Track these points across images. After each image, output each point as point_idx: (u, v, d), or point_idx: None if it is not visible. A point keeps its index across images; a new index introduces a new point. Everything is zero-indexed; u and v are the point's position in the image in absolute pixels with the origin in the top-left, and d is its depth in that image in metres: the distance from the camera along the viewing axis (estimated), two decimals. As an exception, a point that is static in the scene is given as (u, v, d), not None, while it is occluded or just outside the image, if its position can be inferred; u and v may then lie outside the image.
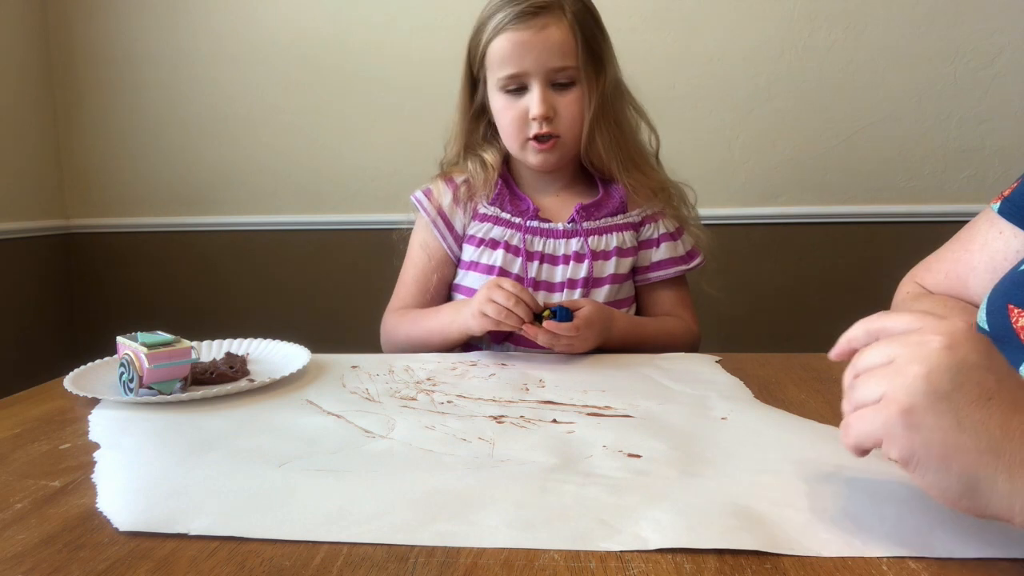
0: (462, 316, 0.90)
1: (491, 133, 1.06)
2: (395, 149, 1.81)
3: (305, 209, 1.89)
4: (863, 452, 0.41)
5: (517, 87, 0.96)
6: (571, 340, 0.86)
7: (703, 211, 1.14)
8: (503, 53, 0.94)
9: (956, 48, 1.67)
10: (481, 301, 0.86)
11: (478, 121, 1.05)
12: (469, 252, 1.03)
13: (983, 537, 0.41)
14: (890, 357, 0.41)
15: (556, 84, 0.95)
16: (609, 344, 0.93)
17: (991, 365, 0.39)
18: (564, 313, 0.85)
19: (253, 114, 1.87)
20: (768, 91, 1.73)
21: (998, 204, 0.73)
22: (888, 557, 0.40)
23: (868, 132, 1.73)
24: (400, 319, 1.04)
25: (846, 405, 0.43)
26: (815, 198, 1.76)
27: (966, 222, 0.79)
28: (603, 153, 0.99)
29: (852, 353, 0.45)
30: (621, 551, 0.41)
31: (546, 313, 0.85)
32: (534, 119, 0.95)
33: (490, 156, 1.04)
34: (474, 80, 1.02)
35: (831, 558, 0.40)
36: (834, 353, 0.47)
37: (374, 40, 1.81)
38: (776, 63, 1.72)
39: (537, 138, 0.96)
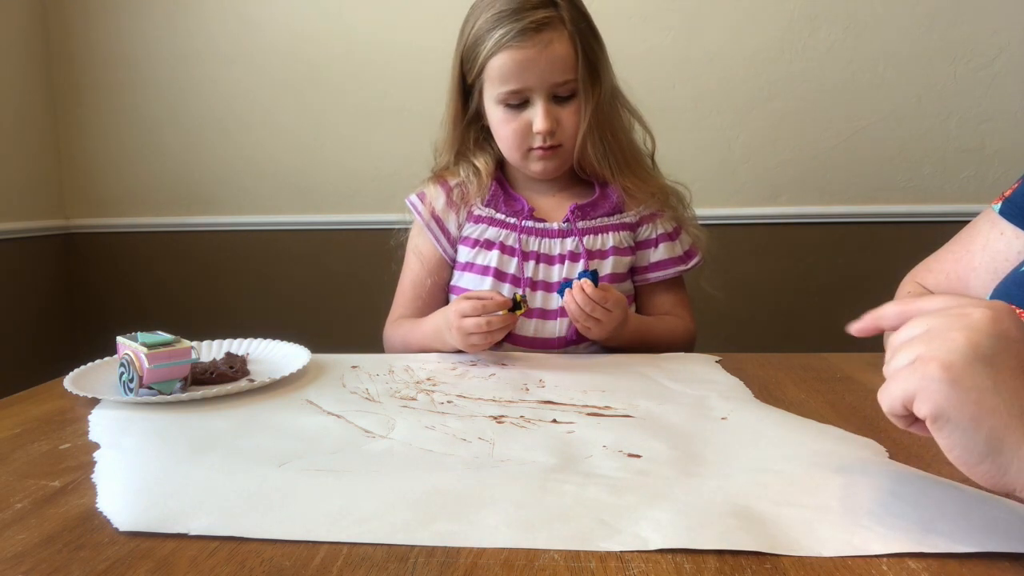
0: (451, 342, 0.89)
1: (483, 138, 1.05)
2: (394, 149, 1.81)
3: (305, 209, 1.89)
4: (899, 416, 0.41)
5: (519, 102, 0.95)
6: (594, 314, 0.86)
7: (703, 211, 1.14)
8: (506, 70, 0.93)
9: (956, 48, 1.67)
10: (460, 332, 0.86)
11: (469, 128, 1.05)
12: (464, 253, 1.03)
13: (983, 533, 0.41)
14: (928, 327, 0.41)
15: (557, 97, 0.95)
16: (617, 342, 0.93)
17: None
18: (592, 276, 0.86)
19: (253, 114, 1.87)
20: (768, 91, 1.73)
21: (999, 205, 0.73)
22: (888, 556, 0.40)
23: (868, 132, 1.73)
24: (394, 331, 1.04)
25: (886, 373, 0.43)
26: (815, 198, 1.76)
27: (966, 222, 0.79)
28: (595, 163, 0.99)
29: (875, 330, 0.45)
30: (621, 551, 0.41)
31: (519, 297, 0.86)
32: (538, 133, 0.95)
33: (482, 163, 1.03)
34: (467, 88, 1.01)
35: (831, 558, 0.40)
36: (856, 327, 0.46)
37: (374, 40, 1.81)
38: (776, 63, 1.72)
39: (539, 147, 0.97)
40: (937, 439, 0.39)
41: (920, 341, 0.41)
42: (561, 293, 0.88)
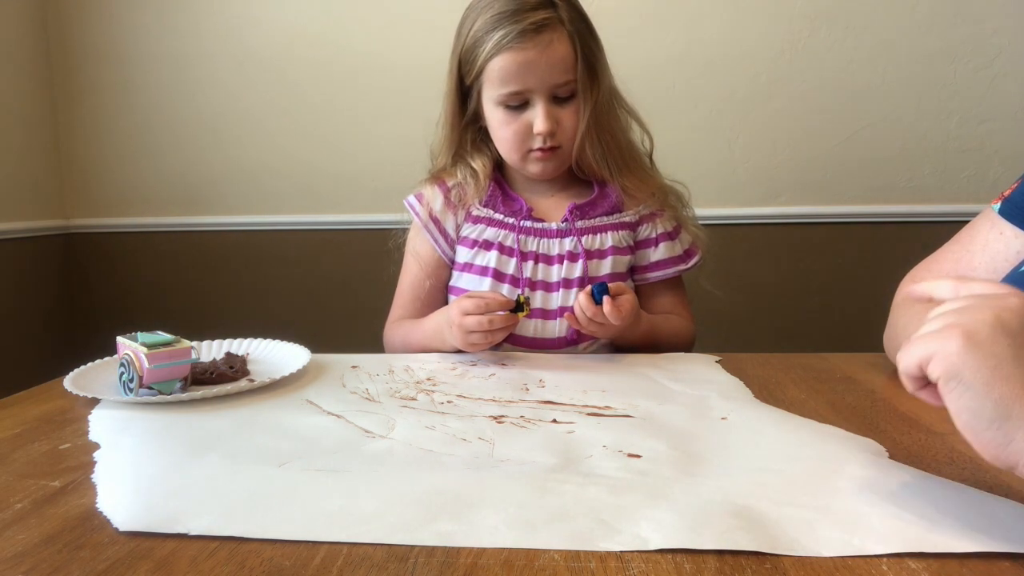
0: (452, 341, 0.89)
1: (480, 139, 1.05)
2: (395, 149, 1.81)
3: (305, 209, 1.89)
4: (912, 377, 0.43)
5: (518, 103, 0.95)
6: (605, 323, 0.86)
7: (703, 211, 1.14)
8: (506, 71, 0.92)
9: (956, 48, 1.67)
10: (461, 330, 0.86)
11: (467, 129, 1.04)
12: (463, 254, 1.03)
13: (983, 533, 0.41)
14: (964, 304, 0.43)
15: (556, 98, 0.95)
16: (627, 341, 0.93)
17: None
18: (602, 290, 0.86)
19: (253, 114, 1.87)
20: (768, 91, 1.73)
21: (999, 205, 0.73)
22: (888, 556, 0.40)
23: (868, 132, 1.73)
24: (394, 332, 1.04)
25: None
26: (815, 198, 1.76)
27: (966, 222, 0.79)
28: (593, 163, 0.99)
29: (927, 300, 0.48)
30: (621, 551, 0.41)
31: (522, 298, 0.86)
32: (539, 134, 0.95)
33: (479, 164, 1.03)
34: (464, 90, 1.01)
35: (831, 558, 0.40)
36: (915, 294, 0.49)
37: (374, 40, 1.81)
38: (776, 63, 1.72)
39: (539, 148, 0.96)
40: (947, 402, 0.41)
41: (952, 313, 0.43)
42: (596, 296, 0.87)
